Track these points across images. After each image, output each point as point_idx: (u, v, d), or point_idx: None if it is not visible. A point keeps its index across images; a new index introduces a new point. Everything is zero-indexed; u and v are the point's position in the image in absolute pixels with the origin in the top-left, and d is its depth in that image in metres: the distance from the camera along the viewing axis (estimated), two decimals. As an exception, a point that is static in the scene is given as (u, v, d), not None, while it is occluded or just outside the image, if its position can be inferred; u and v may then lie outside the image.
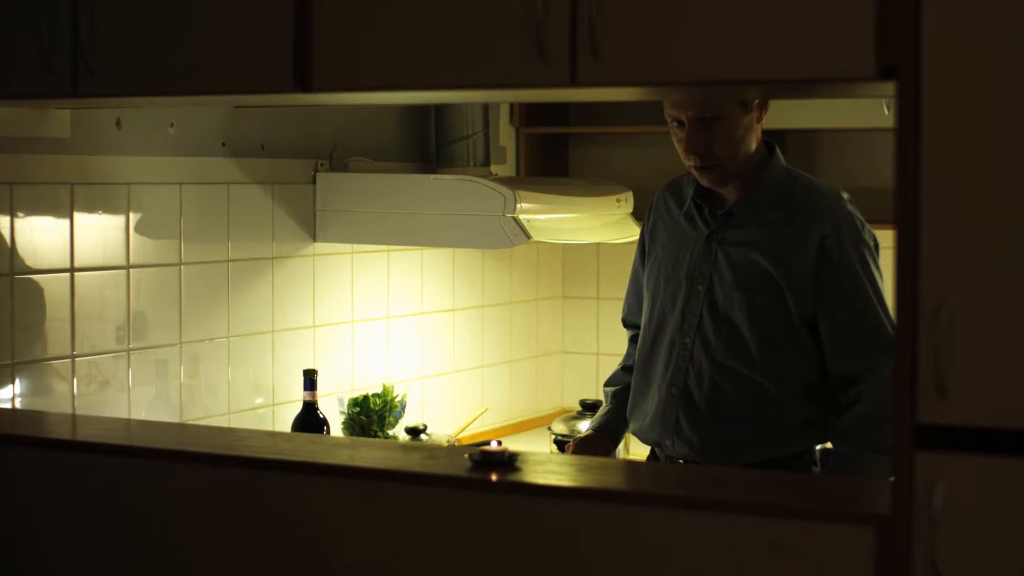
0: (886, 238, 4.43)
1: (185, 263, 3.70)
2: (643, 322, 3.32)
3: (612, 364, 3.60)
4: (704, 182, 3.16)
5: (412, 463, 2.65)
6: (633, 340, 3.45)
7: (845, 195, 3.17)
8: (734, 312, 3.09)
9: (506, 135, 4.77)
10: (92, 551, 2.77)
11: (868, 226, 3.13)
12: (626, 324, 3.52)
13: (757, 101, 3.09)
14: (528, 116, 4.81)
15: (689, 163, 3.14)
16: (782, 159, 3.19)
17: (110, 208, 3.52)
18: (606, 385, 3.52)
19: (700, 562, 2.27)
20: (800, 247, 3.06)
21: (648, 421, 3.23)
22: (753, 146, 3.13)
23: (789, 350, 3.09)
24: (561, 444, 4.17)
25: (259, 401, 3.93)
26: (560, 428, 4.27)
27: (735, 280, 3.10)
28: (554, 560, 2.38)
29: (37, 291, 3.37)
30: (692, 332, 3.14)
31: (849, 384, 3.07)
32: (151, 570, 2.71)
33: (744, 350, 3.09)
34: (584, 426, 3.86)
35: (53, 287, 3.40)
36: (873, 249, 3.11)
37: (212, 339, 3.78)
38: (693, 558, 2.28)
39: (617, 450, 4.08)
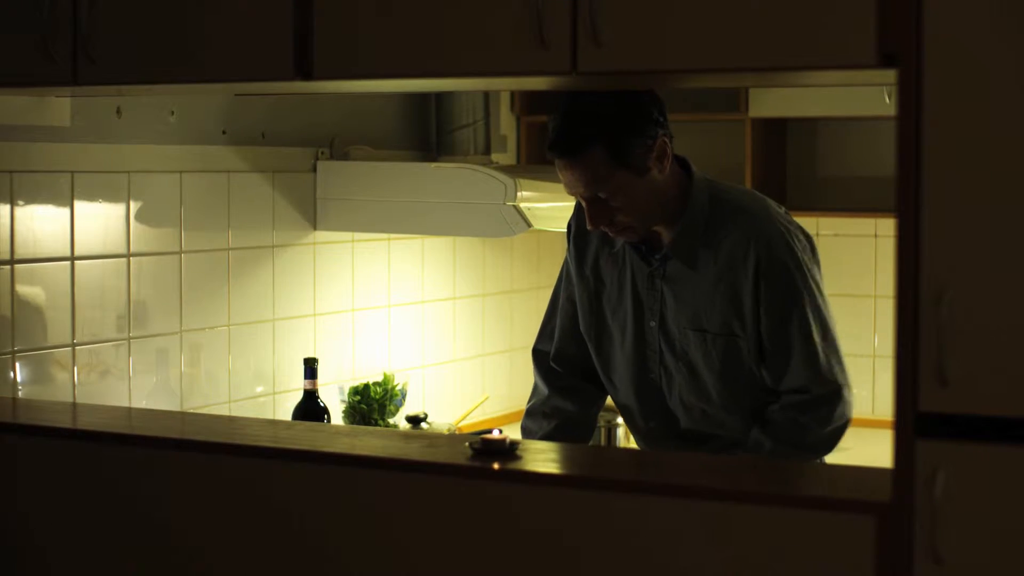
0: (887, 227, 4.45)
1: (185, 251, 3.70)
2: (592, 350, 3.14)
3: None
4: (625, 240, 3.00)
5: (413, 452, 2.65)
6: (554, 373, 3.25)
7: (772, 203, 3.01)
8: (691, 351, 2.97)
9: (507, 123, 4.77)
10: (92, 539, 2.77)
11: (797, 231, 2.96)
12: (558, 360, 3.25)
13: (654, 155, 2.87)
14: (529, 104, 4.81)
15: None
16: (700, 177, 2.99)
17: (110, 196, 3.52)
18: (541, 417, 3.21)
19: (704, 550, 2.27)
20: (739, 277, 2.91)
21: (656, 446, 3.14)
22: (665, 189, 2.93)
23: (750, 389, 2.97)
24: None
25: (259, 390, 3.93)
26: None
27: (687, 319, 2.96)
28: (555, 548, 2.38)
29: (37, 279, 3.37)
30: (657, 368, 3.02)
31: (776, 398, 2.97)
32: (151, 558, 2.71)
33: (705, 391, 2.99)
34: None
35: (54, 275, 3.40)
36: (808, 253, 2.96)
37: (213, 327, 3.78)
38: (696, 546, 2.28)
39: (618, 437, 4.09)
